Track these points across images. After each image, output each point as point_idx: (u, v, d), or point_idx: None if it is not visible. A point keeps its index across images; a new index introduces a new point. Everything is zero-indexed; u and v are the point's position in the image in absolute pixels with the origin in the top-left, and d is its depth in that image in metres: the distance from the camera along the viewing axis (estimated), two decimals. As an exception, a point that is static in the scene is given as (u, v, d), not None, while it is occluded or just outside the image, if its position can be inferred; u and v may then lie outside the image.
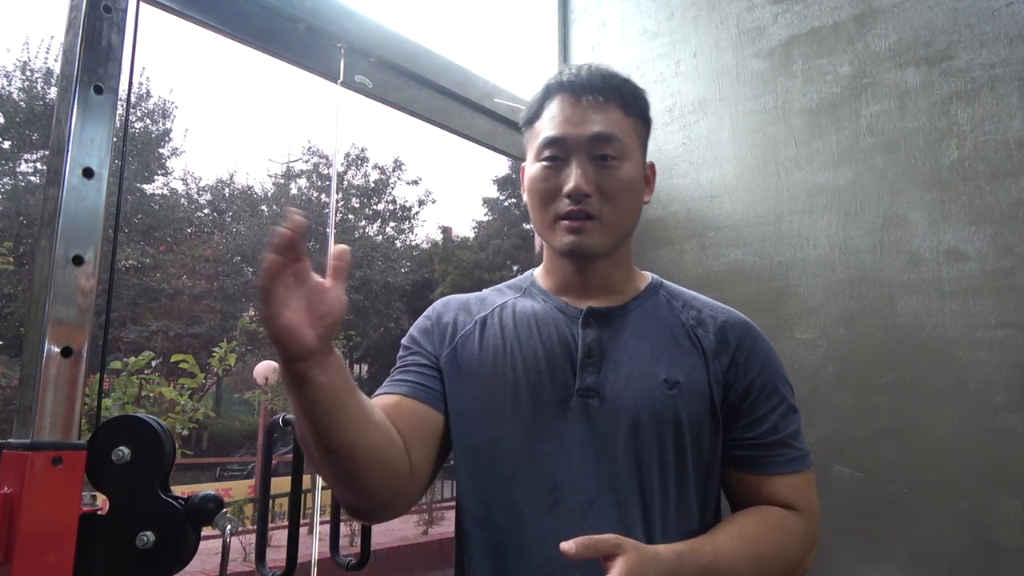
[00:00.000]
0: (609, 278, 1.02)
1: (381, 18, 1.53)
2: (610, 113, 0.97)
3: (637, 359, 0.96)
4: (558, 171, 0.96)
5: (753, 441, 0.97)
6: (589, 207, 0.94)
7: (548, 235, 0.99)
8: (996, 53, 1.42)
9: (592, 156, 0.95)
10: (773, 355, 1.02)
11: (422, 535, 8.43)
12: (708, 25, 1.83)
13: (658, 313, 1.01)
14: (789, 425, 0.99)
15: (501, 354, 0.99)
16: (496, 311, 1.05)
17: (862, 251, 1.53)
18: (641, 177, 1.01)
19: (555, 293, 1.04)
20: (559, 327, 0.99)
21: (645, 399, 0.93)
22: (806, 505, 0.97)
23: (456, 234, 22.71)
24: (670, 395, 0.93)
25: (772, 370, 1.00)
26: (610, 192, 0.95)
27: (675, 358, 0.96)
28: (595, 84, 0.98)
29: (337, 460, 0.84)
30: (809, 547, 0.96)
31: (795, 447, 0.98)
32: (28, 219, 14.59)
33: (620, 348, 0.97)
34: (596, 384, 0.94)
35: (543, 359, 0.97)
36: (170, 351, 12.34)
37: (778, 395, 0.99)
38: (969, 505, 1.34)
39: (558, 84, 1.00)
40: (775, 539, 0.92)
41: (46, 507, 0.86)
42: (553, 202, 0.97)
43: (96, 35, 1.01)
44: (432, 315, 1.08)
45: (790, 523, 0.95)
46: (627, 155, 0.97)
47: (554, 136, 0.96)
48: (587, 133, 0.95)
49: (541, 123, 1.00)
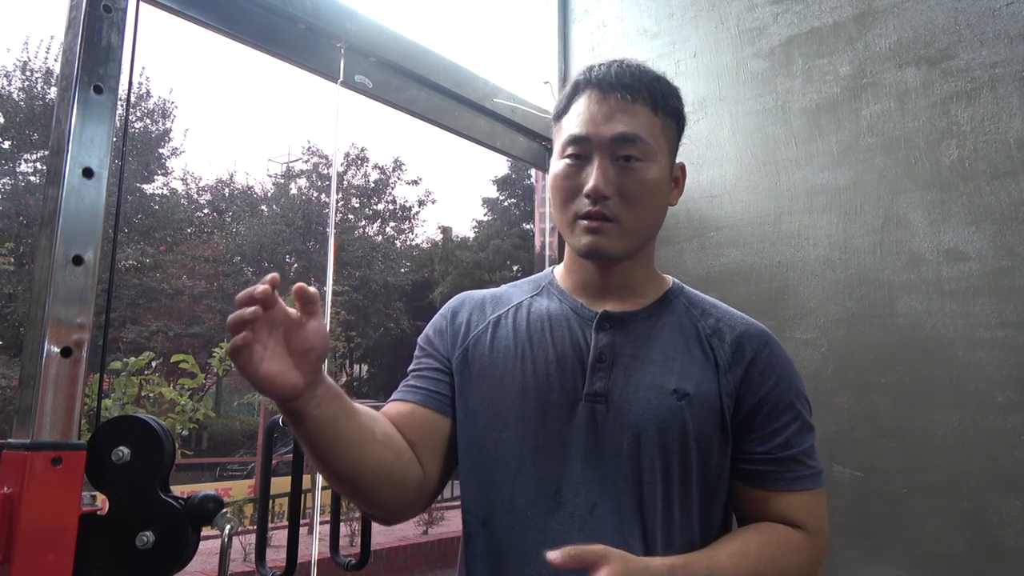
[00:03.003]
0: (628, 280, 1.01)
1: (381, 18, 1.53)
2: (637, 113, 0.95)
3: (649, 367, 0.94)
4: (580, 169, 0.95)
5: (764, 456, 0.94)
6: (608, 209, 0.93)
7: (567, 234, 0.98)
8: (996, 53, 1.42)
9: (615, 156, 0.93)
10: (791, 369, 0.99)
11: (422, 535, 8.42)
12: (708, 25, 1.83)
13: (674, 320, 0.99)
14: (803, 442, 0.95)
15: (512, 356, 0.98)
16: (511, 311, 1.04)
17: (862, 251, 1.53)
18: (667, 179, 0.98)
19: (572, 292, 1.03)
20: (572, 330, 0.98)
21: (653, 408, 0.91)
22: (815, 524, 0.94)
23: (456, 234, 22.73)
24: (679, 406, 0.91)
25: (789, 384, 0.97)
26: (631, 194, 0.93)
27: (687, 368, 0.94)
28: (623, 82, 0.95)
29: (344, 481, 0.88)
30: (814, 568, 0.93)
31: (808, 464, 0.95)
32: (28, 219, 14.59)
33: (632, 355, 0.95)
34: (605, 390, 0.93)
35: (554, 362, 0.96)
36: (170, 351, 12.34)
37: (793, 411, 0.96)
38: (969, 505, 1.34)
39: (587, 81, 0.98)
40: (777, 557, 0.89)
41: (46, 507, 0.86)
42: (574, 201, 0.95)
43: (96, 35, 1.01)
44: (447, 313, 1.08)
45: (795, 542, 0.92)
46: (652, 156, 0.94)
47: (577, 134, 0.95)
48: (611, 133, 0.93)
49: (568, 119, 0.98)
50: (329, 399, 0.82)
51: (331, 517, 1.51)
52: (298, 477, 1.36)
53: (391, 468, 0.90)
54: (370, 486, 0.89)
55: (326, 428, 0.82)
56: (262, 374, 0.75)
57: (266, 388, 0.76)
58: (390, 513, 0.95)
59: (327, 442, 0.83)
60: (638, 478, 0.90)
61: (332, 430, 0.83)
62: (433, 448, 0.97)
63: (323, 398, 0.81)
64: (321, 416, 0.81)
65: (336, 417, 0.83)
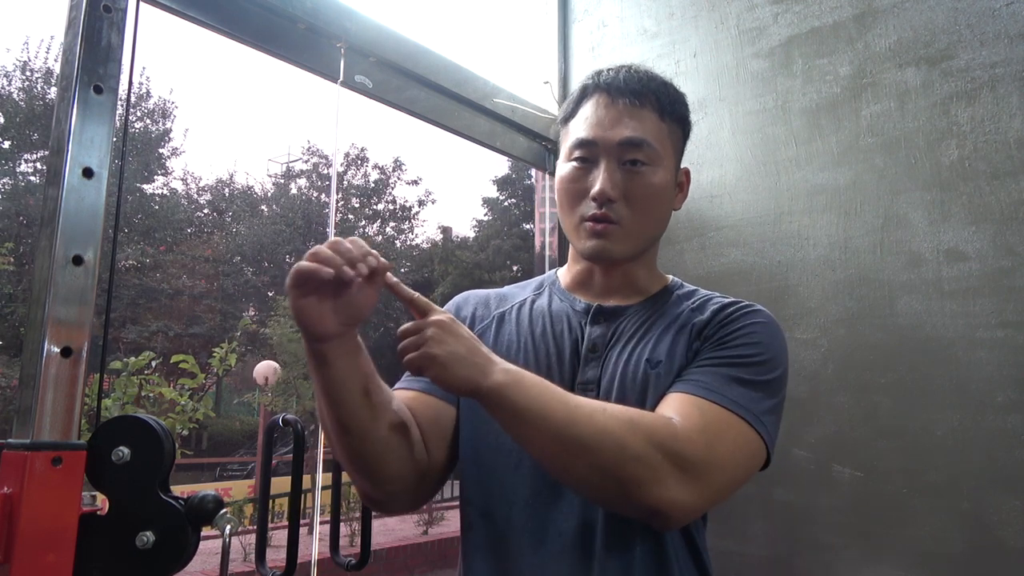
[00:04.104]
0: (630, 280, 1.03)
1: (381, 18, 1.52)
2: (644, 118, 0.96)
3: (635, 349, 0.96)
4: (587, 173, 0.97)
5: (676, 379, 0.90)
6: (613, 212, 0.95)
7: (573, 236, 1.00)
8: (996, 53, 1.42)
9: (621, 160, 0.95)
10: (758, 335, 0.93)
11: (422, 535, 8.43)
12: (708, 25, 1.83)
13: (666, 310, 1.01)
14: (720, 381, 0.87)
15: (515, 349, 1.01)
16: (515, 308, 1.07)
17: (862, 251, 1.53)
18: (672, 183, 1.00)
19: (574, 291, 1.05)
20: (571, 324, 1.01)
21: (630, 381, 0.93)
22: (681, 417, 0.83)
23: (456, 234, 22.73)
24: (652, 373, 0.93)
25: (740, 344, 0.91)
26: (636, 198, 0.95)
27: (664, 339, 0.96)
28: (631, 87, 0.97)
29: (353, 441, 0.86)
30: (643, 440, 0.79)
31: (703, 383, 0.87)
32: (28, 219, 14.59)
33: (624, 344, 0.97)
34: (595, 377, 0.95)
35: (553, 355, 0.99)
36: (170, 351, 12.34)
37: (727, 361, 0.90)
38: (969, 505, 1.34)
39: (595, 85, 1.00)
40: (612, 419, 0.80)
41: (46, 507, 0.86)
42: (580, 204, 0.97)
43: (96, 35, 1.01)
44: (452, 308, 1.09)
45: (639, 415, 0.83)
46: (658, 161, 0.96)
47: (585, 138, 0.97)
48: (618, 137, 0.95)
49: (575, 123, 1.00)
50: (356, 353, 0.84)
51: (331, 517, 1.52)
52: (298, 477, 1.36)
53: (403, 441, 0.90)
54: (378, 454, 0.87)
55: (347, 378, 0.83)
56: (305, 301, 0.78)
57: (304, 319, 0.79)
58: (391, 492, 0.92)
59: (344, 394, 0.83)
60: None
61: (352, 383, 0.83)
62: (439, 435, 0.98)
63: (351, 349, 0.83)
64: (344, 366, 0.82)
65: (358, 372, 0.84)
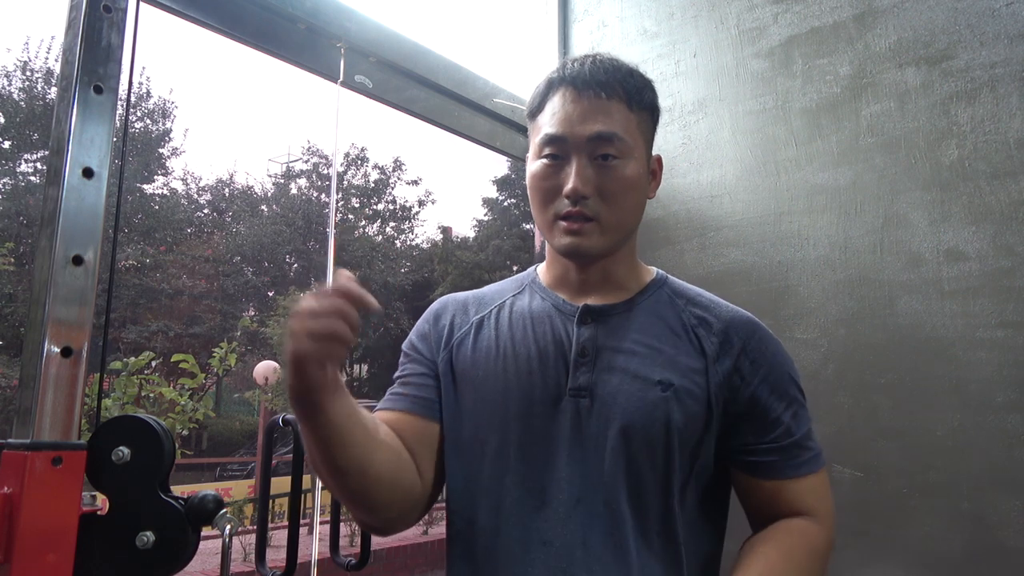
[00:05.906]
0: (611, 274, 1.00)
1: (381, 18, 1.53)
2: (613, 110, 0.94)
3: (632, 359, 0.94)
4: (558, 170, 0.94)
5: (767, 446, 0.94)
6: (587, 208, 0.92)
7: (548, 234, 0.98)
8: (996, 53, 1.42)
9: (593, 155, 0.93)
10: (781, 354, 0.99)
11: (422, 535, 8.42)
12: (708, 25, 1.83)
13: (659, 311, 0.99)
14: (802, 426, 0.96)
15: (494, 356, 0.98)
16: (493, 312, 1.04)
17: (862, 251, 1.53)
18: (645, 174, 0.98)
19: (554, 289, 1.03)
20: (554, 325, 0.98)
21: (637, 400, 0.91)
22: (823, 507, 0.95)
23: (456, 234, 22.72)
24: (663, 397, 0.91)
25: (781, 371, 0.97)
26: (610, 192, 0.93)
27: (673, 359, 0.94)
28: (598, 79, 0.94)
29: (349, 478, 0.86)
30: (828, 552, 0.94)
31: (808, 447, 0.95)
32: (28, 219, 14.59)
33: (615, 347, 0.95)
34: (588, 384, 0.93)
35: (536, 359, 0.96)
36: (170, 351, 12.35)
37: (788, 396, 0.96)
38: (969, 505, 1.34)
39: (560, 78, 0.97)
40: (804, 564, 0.90)
41: (46, 507, 0.86)
42: (553, 201, 0.95)
43: (96, 35, 1.01)
44: (430, 317, 1.08)
45: (812, 537, 0.92)
46: (629, 153, 0.94)
47: (554, 134, 0.94)
48: (587, 132, 0.92)
49: (543, 118, 0.97)
50: (342, 395, 0.82)
51: (331, 517, 1.52)
52: (298, 477, 1.36)
53: (392, 470, 0.90)
54: (372, 488, 0.88)
55: (338, 424, 0.82)
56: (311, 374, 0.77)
57: (306, 383, 0.77)
58: (388, 519, 0.94)
59: (337, 438, 0.82)
60: (626, 471, 0.90)
61: (343, 426, 0.82)
62: (426, 455, 0.97)
63: (337, 388, 0.81)
64: (335, 411, 0.81)
65: (347, 414, 0.83)
